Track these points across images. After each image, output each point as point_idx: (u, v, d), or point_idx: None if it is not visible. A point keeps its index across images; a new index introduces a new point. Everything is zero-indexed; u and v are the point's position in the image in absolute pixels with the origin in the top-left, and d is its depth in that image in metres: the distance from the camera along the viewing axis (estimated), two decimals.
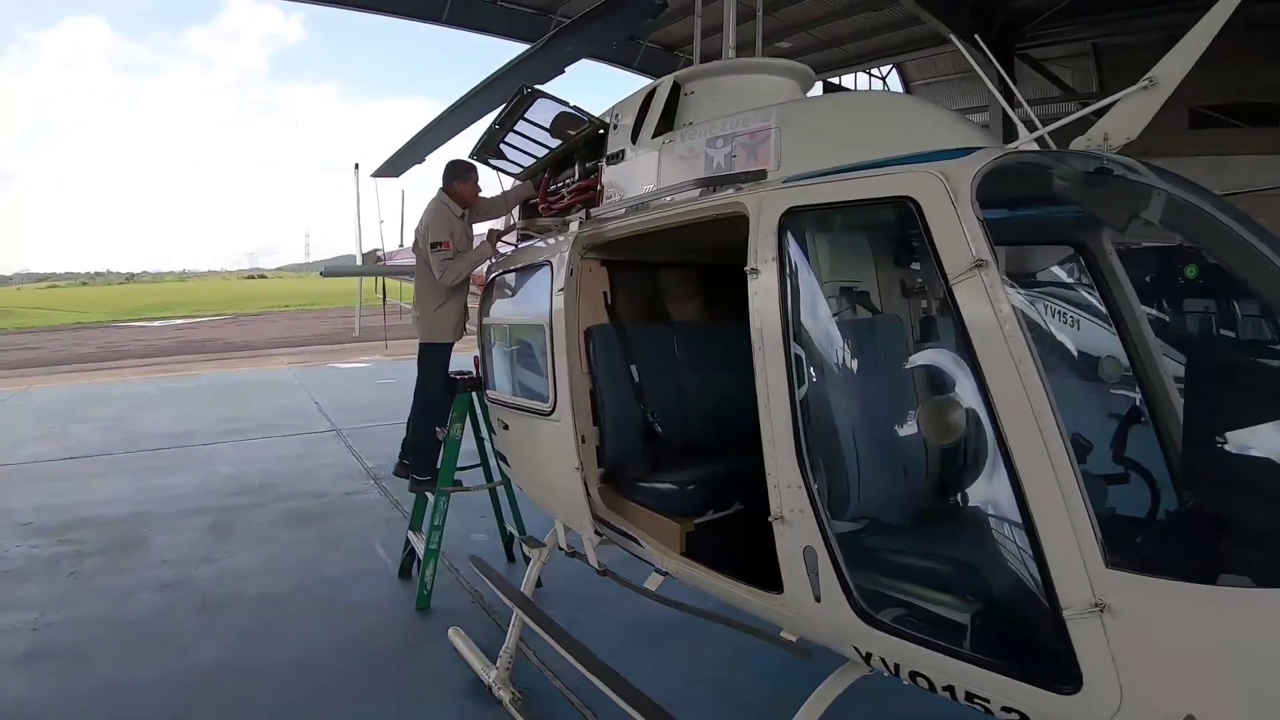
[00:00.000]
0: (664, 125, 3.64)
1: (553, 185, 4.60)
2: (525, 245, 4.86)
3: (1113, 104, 2.22)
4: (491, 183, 5.74)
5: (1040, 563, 1.95)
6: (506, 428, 4.72)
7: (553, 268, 3.95)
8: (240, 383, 17.89)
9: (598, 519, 3.75)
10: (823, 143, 2.81)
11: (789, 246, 2.58)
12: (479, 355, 5.27)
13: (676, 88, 3.72)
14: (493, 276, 5.01)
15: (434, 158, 6.83)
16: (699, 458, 3.92)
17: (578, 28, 4.72)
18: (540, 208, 4.73)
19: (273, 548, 6.86)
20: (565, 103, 4.26)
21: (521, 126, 4.56)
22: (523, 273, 4.55)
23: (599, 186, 4.04)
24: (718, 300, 4.75)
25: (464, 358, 5.85)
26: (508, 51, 14.58)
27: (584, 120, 4.14)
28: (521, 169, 4.97)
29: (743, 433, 2.68)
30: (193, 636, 5.16)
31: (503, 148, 4.85)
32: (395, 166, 7.79)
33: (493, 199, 5.62)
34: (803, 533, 2.48)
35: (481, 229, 5.81)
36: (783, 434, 2.52)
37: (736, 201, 2.88)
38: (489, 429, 5.66)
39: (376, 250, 15.01)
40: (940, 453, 2.78)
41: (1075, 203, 2.79)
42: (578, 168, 4.32)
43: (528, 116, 4.47)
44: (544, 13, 15.79)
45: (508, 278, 4.80)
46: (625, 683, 3.35)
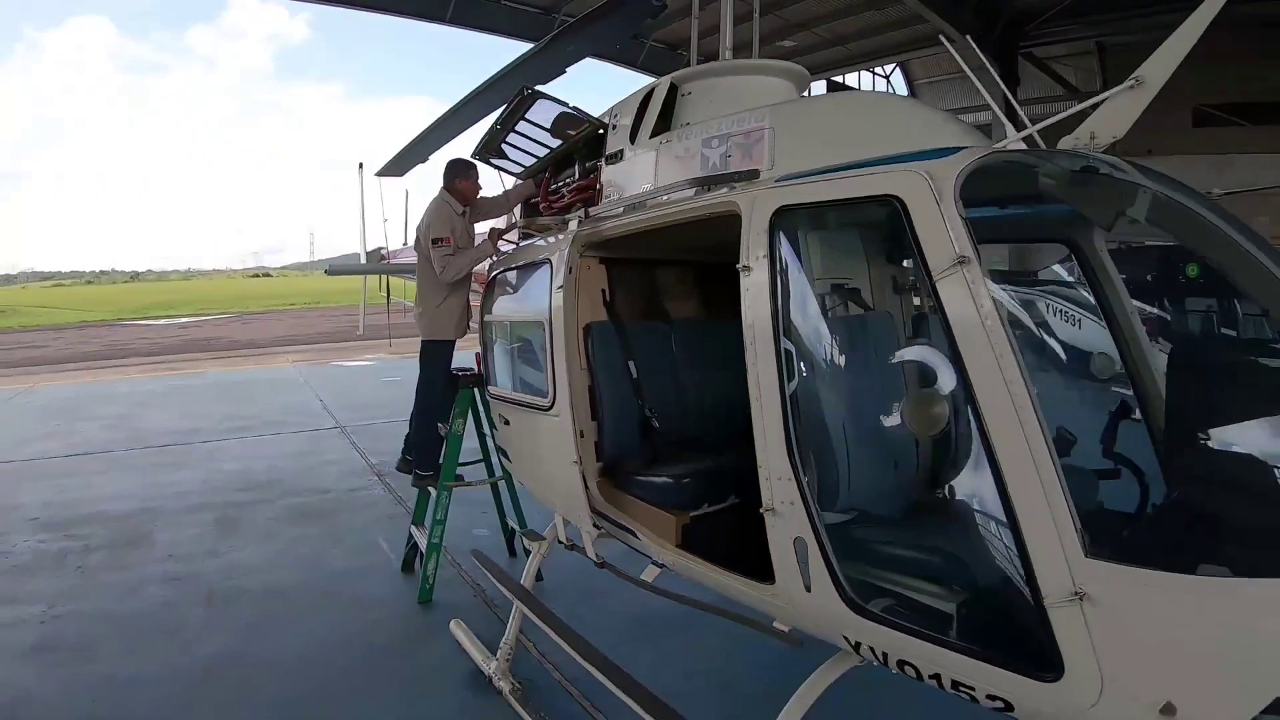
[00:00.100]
0: (661, 125, 3.68)
1: (553, 184, 4.65)
2: (526, 243, 4.92)
3: (1100, 103, 2.26)
4: (492, 183, 5.81)
5: (1022, 552, 1.98)
6: (507, 423, 4.77)
7: (552, 266, 3.99)
8: (245, 381, 17.95)
9: (596, 512, 3.80)
10: (815, 143, 2.85)
11: (780, 245, 2.63)
12: (480, 352, 5.33)
13: (674, 89, 3.77)
14: (494, 274, 5.06)
15: (438, 157, 6.87)
16: (695, 452, 3.97)
17: (578, 28, 4.77)
18: (541, 206, 4.78)
19: (277, 543, 6.92)
20: (565, 103, 4.31)
21: (522, 127, 4.61)
22: (523, 270, 4.60)
23: (598, 186, 4.09)
24: (715, 298, 4.79)
25: (465, 355, 5.91)
26: (510, 51, 14.63)
27: (584, 120, 4.18)
28: (523, 169, 5.02)
29: (739, 428, 2.72)
30: (198, 630, 5.22)
31: (504, 148, 4.91)
32: (399, 165, 7.83)
33: (494, 198, 5.69)
34: (793, 524, 2.53)
35: (483, 228, 5.87)
36: (773, 427, 2.57)
37: (730, 200, 2.92)
38: (491, 425, 5.72)
39: (381, 249, 15.08)
40: (931, 446, 2.82)
41: (1059, 200, 2.82)
42: (578, 167, 4.37)
43: (528, 117, 4.52)
44: (548, 12, 15.81)
45: (509, 275, 4.85)
46: (624, 674, 3.39)
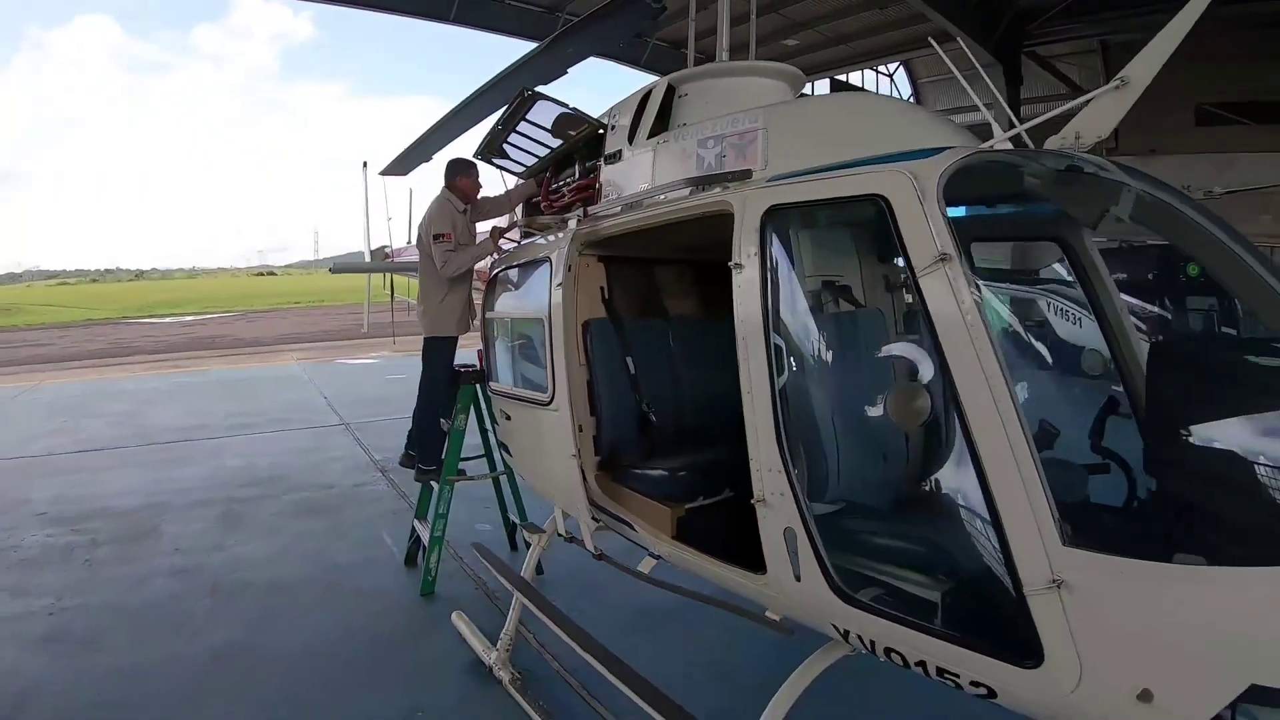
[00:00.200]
0: (659, 126, 3.73)
1: (554, 184, 4.71)
2: (527, 242, 4.99)
3: (1085, 103, 2.31)
4: (494, 182, 5.87)
5: (1002, 541, 2.04)
6: (509, 418, 4.84)
7: (552, 264, 4.06)
8: (250, 378, 18.05)
9: (594, 505, 3.87)
10: (808, 143, 2.90)
11: (771, 243, 2.69)
12: (482, 348, 5.40)
13: (671, 90, 3.82)
14: (495, 272, 5.13)
15: (441, 156, 6.94)
16: (691, 446, 4.03)
17: (580, 29, 4.82)
18: (542, 206, 4.84)
19: (282, 537, 7.00)
20: (565, 104, 4.36)
21: (523, 127, 4.67)
22: (524, 268, 4.67)
23: (597, 185, 4.14)
24: (711, 295, 4.84)
25: (467, 353, 5.98)
26: (514, 50, 14.66)
27: (583, 121, 4.24)
28: (524, 168, 5.09)
29: (734, 422, 2.78)
30: (203, 622, 5.29)
31: (506, 148, 4.97)
32: (403, 164, 7.89)
33: (496, 197, 5.75)
34: (783, 515, 2.59)
35: (485, 227, 5.93)
36: (764, 420, 2.63)
37: (723, 200, 2.98)
38: (492, 420, 5.80)
39: (385, 247, 15.17)
40: (920, 439, 2.88)
41: (1044, 199, 2.87)
42: (578, 167, 4.42)
43: (529, 118, 4.57)
44: (552, 11, 15.87)
45: (510, 273, 4.92)
46: (623, 665, 3.45)
